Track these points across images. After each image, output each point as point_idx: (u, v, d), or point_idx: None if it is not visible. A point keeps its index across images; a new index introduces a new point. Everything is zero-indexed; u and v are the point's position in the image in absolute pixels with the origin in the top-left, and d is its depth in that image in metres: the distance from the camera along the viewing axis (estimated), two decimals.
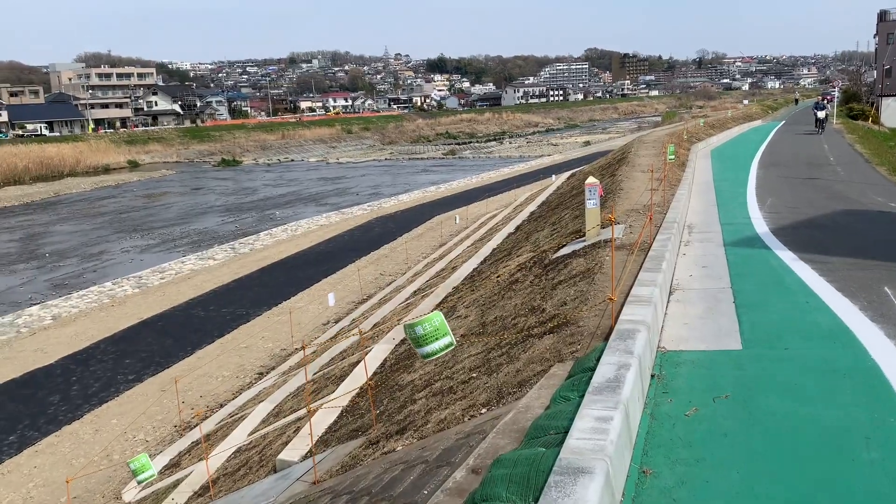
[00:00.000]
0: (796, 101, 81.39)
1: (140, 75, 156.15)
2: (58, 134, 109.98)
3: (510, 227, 19.19)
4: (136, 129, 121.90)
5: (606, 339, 5.36)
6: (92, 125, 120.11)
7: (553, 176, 36.90)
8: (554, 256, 10.24)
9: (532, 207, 22.35)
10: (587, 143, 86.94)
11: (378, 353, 9.87)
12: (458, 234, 26.49)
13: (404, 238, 28.62)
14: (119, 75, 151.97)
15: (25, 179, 75.23)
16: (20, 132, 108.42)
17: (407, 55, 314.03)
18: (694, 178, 18.26)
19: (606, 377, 3.75)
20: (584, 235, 10.54)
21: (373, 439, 6.36)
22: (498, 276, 11.16)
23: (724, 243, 9.22)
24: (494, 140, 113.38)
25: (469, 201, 37.64)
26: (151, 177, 74.68)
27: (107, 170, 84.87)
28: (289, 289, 21.39)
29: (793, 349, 5.41)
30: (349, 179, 62.91)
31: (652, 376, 4.76)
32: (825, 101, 32.91)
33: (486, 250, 16.50)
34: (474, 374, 6.60)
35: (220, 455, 9.36)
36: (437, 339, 5.21)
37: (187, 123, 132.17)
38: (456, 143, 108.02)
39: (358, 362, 10.04)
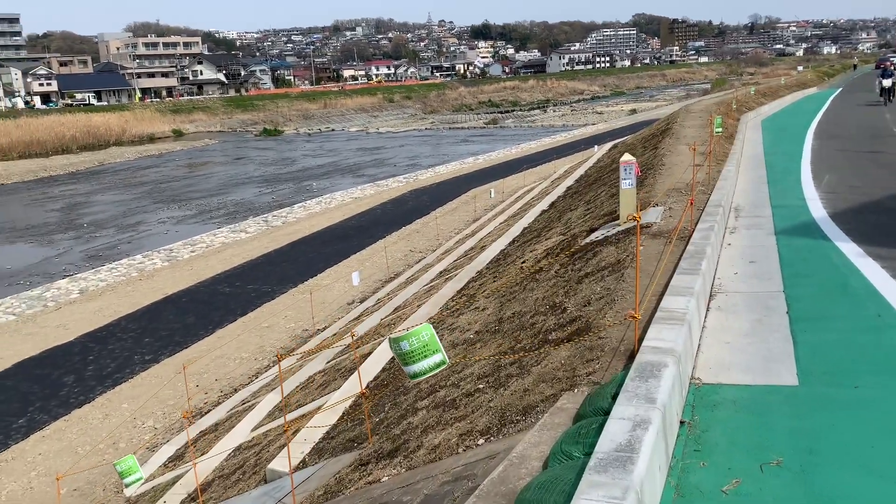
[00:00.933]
0: (854, 66, 77.75)
1: (186, 44, 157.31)
2: (105, 103, 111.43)
3: (544, 204, 18.23)
4: (181, 98, 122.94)
5: (629, 360, 4.49)
6: (139, 94, 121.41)
7: (595, 146, 35.60)
8: (583, 242, 9.34)
9: (569, 182, 21.31)
10: (633, 112, 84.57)
11: (385, 351, 9.13)
12: (491, 210, 25.58)
13: (438, 212, 27.81)
14: (165, 44, 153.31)
15: (72, 148, 76.21)
16: (69, 101, 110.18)
17: (451, 22, 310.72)
18: (743, 151, 17.02)
19: (617, 441, 2.86)
20: (618, 218, 9.61)
21: (364, 458, 5.64)
22: (523, 263, 10.31)
23: (774, 231, 8.17)
24: (538, 108, 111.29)
25: (507, 173, 36.58)
26: (194, 146, 75.01)
27: (151, 139, 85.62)
28: (317, 265, 20.82)
29: (865, 388, 4.16)
30: (388, 150, 62.16)
31: (682, 423, 3.79)
32: (892, 68, 30.67)
33: (516, 229, 15.62)
34: (481, 386, 5.80)
35: (220, 454, 8.80)
36: (425, 356, 4.42)
37: (231, 92, 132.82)
38: (498, 112, 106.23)
39: (370, 353, 9.33)
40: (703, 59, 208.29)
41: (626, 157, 9.28)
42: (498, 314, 8.22)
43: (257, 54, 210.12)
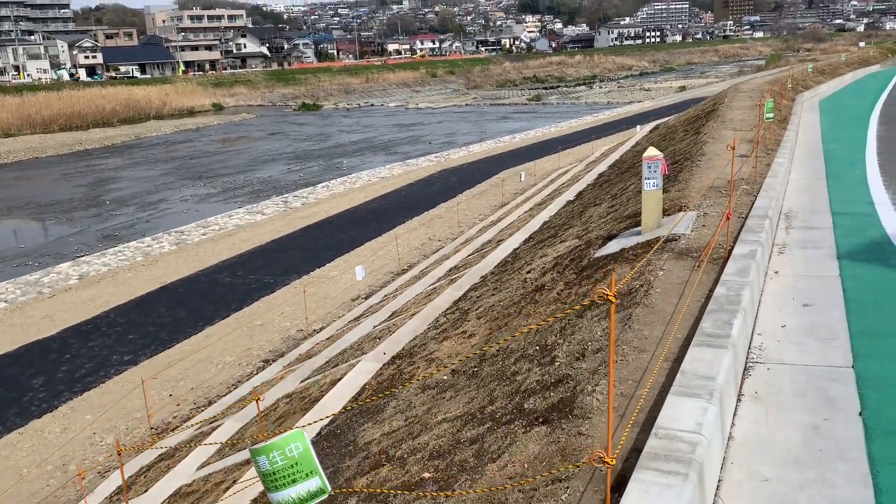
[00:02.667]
0: None
1: (230, 17, 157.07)
2: (149, 76, 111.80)
3: (570, 194, 16.52)
4: (224, 71, 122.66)
5: (618, 491, 2.91)
6: (182, 67, 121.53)
7: (637, 126, 33.49)
8: (596, 255, 7.70)
9: (602, 167, 19.49)
10: (682, 89, 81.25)
11: (358, 376, 7.66)
12: (520, 194, 23.88)
13: (464, 196, 26.19)
14: (210, 17, 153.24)
15: (113, 121, 76.36)
16: (114, 74, 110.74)
17: None
18: (797, 138, 15.03)
19: None
20: (640, 224, 7.94)
21: None
22: (528, 274, 8.71)
23: (836, 252, 6.40)
24: (584, 84, 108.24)
25: (542, 153, 34.69)
26: (231, 120, 74.36)
27: (191, 112, 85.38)
28: (327, 253, 19.46)
29: None
30: (425, 126, 60.51)
31: None
32: None
33: (536, 222, 13.98)
34: (427, 475, 4.28)
35: (162, 490, 7.48)
36: (294, 480, 2.89)
37: (274, 66, 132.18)
38: (543, 88, 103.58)
39: (338, 380, 7.88)
40: (759, 35, 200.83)
41: (651, 151, 7.57)
42: (483, 346, 6.66)
43: (304, 28, 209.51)
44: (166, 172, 42.12)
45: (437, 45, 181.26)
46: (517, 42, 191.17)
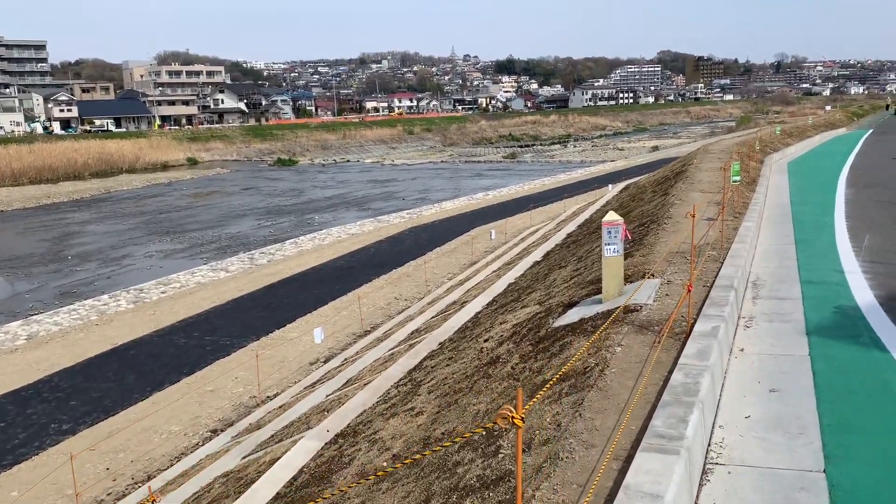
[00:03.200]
0: (887, 106, 75.21)
1: (209, 73, 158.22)
2: (124, 130, 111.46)
3: (538, 254, 16.15)
4: (200, 126, 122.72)
5: None
6: (158, 122, 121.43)
7: (610, 185, 33.57)
8: (554, 325, 7.23)
9: (571, 227, 19.22)
10: (655, 149, 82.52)
11: (297, 456, 7.03)
12: (490, 253, 23.52)
13: (434, 253, 25.76)
14: (189, 73, 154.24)
15: (84, 175, 75.54)
16: (88, 127, 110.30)
17: (476, 56, 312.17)
18: (766, 200, 14.86)
19: None
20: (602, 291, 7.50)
21: None
22: (485, 343, 8.20)
23: (806, 328, 5.95)
24: (559, 143, 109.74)
25: (515, 211, 34.52)
26: (205, 175, 73.94)
27: (165, 167, 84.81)
28: (289, 313, 18.80)
29: None
30: (399, 182, 60.51)
31: None
32: None
33: (500, 284, 13.53)
34: None
35: None
36: None
37: (252, 122, 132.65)
38: (518, 146, 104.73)
39: (278, 459, 7.23)
40: (729, 97, 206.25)
41: (611, 215, 7.19)
42: (430, 427, 6.10)
43: (284, 84, 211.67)
44: (133, 227, 41.36)
45: (415, 103, 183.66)
46: (493, 101, 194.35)
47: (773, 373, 4.93)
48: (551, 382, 5.28)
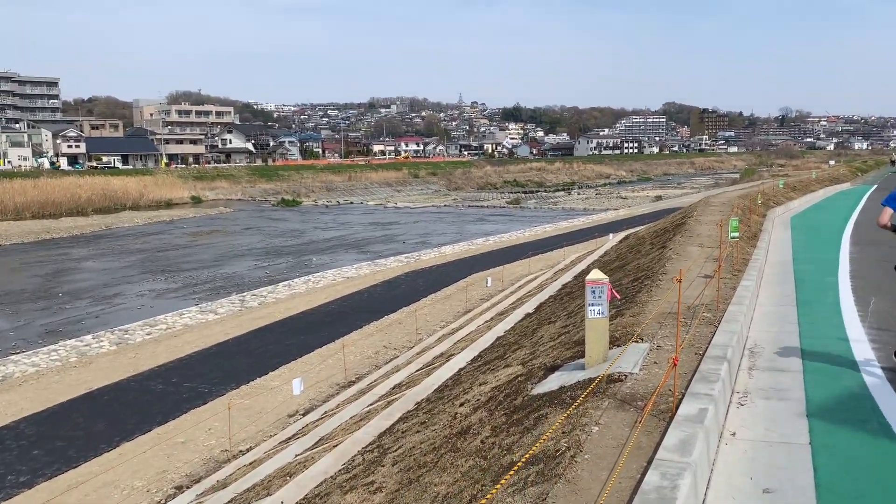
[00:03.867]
0: (892, 161, 75.10)
1: (218, 113, 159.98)
2: (131, 167, 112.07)
3: (531, 305, 15.57)
4: (207, 165, 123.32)
5: None
6: (165, 160, 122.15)
7: (611, 235, 33.10)
8: (532, 392, 6.63)
9: (567, 278, 18.66)
10: (658, 198, 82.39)
11: None
12: (486, 301, 22.93)
13: (429, 300, 25.19)
14: (198, 113, 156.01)
15: (87, 211, 75.52)
16: (95, 164, 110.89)
17: (483, 103, 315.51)
18: (767, 256, 14.31)
19: None
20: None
21: None
22: (460, 407, 7.60)
23: (807, 409, 5.28)
24: (563, 190, 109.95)
25: (514, 258, 34.03)
26: (207, 214, 73.82)
27: (169, 204, 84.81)
28: (273, 360, 18.17)
29: None
30: (401, 226, 60.20)
31: None
32: None
33: (489, 338, 12.94)
34: None
35: None
36: None
37: (259, 162, 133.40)
38: (522, 192, 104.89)
39: None
40: (733, 149, 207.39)
41: (595, 273, 6.64)
42: None
43: (293, 126, 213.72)
44: (130, 265, 40.93)
45: (422, 147, 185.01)
46: (499, 147, 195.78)
47: (767, 467, 4.31)
48: (518, 465, 4.69)
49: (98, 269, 39.40)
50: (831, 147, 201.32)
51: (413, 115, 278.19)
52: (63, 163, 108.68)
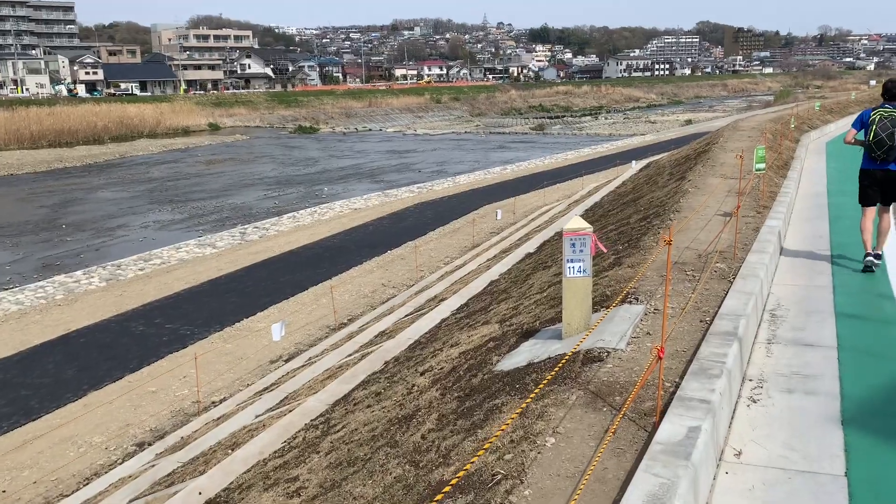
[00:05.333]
0: None
1: (237, 38, 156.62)
2: (149, 94, 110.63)
3: (533, 244, 14.25)
4: (225, 91, 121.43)
5: None
6: (184, 86, 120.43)
7: (633, 162, 31.33)
8: (496, 368, 5.39)
9: (578, 211, 17.23)
10: (688, 122, 79.39)
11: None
12: (495, 235, 21.63)
13: (436, 233, 23.93)
14: (216, 37, 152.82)
15: (104, 139, 74.65)
16: (113, 91, 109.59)
17: (510, 24, 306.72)
18: (798, 189, 12.75)
19: None
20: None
21: None
22: (421, 377, 6.41)
23: (841, 411, 3.90)
24: (589, 115, 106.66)
25: (531, 187, 32.54)
26: (223, 141, 72.55)
27: (186, 132, 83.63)
28: (264, 299, 17.15)
29: None
30: (418, 153, 58.51)
31: None
32: None
33: (481, 282, 11.70)
34: None
35: None
36: None
37: (278, 88, 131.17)
38: (548, 117, 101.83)
39: None
40: (768, 70, 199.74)
41: (575, 222, 5.29)
42: None
43: (315, 51, 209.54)
44: (138, 195, 40.05)
45: (445, 71, 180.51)
46: (525, 71, 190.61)
47: (788, 493, 3.01)
48: (446, 489, 3.49)
49: (105, 200, 38.60)
50: (872, 67, 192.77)
51: (437, 37, 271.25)
52: (81, 90, 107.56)
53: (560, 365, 4.59)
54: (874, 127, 6.80)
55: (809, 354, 4.79)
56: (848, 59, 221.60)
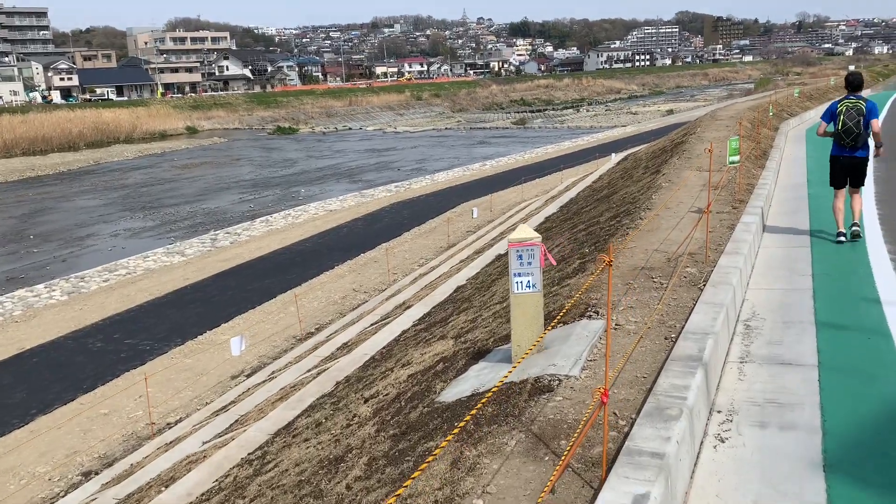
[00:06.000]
0: None
1: (214, 39, 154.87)
2: (125, 98, 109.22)
3: (505, 245, 13.64)
4: (204, 94, 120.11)
5: None
6: (161, 90, 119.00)
7: (612, 155, 30.86)
8: (438, 399, 4.79)
9: (552, 209, 16.68)
10: (669, 112, 79.22)
11: None
12: (472, 233, 21.05)
13: (411, 234, 23.31)
14: (193, 39, 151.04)
15: (79, 145, 73.42)
16: (88, 96, 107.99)
17: (490, 19, 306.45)
18: (777, 178, 12.25)
19: None
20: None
21: None
22: (364, 404, 5.80)
23: (823, 451, 3.25)
24: (571, 107, 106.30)
25: (510, 183, 31.97)
26: (201, 144, 71.56)
27: (163, 136, 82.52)
28: (229, 308, 16.47)
29: None
30: (398, 152, 57.81)
31: None
32: None
33: (448, 288, 11.12)
34: None
35: None
36: None
37: (257, 89, 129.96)
38: (529, 111, 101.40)
39: None
40: (748, 59, 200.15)
41: (522, 231, 4.70)
42: None
43: (296, 51, 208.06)
44: (110, 202, 39.16)
45: (426, 68, 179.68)
46: (506, 65, 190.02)
47: None
48: None
49: (77, 208, 37.69)
50: (850, 52, 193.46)
51: (418, 34, 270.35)
52: (56, 96, 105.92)
53: (504, 397, 4.00)
54: (842, 117, 7.39)
55: (787, 376, 4.23)
56: (827, 46, 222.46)
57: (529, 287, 4.65)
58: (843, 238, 7.51)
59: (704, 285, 5.54)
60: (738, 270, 5.71)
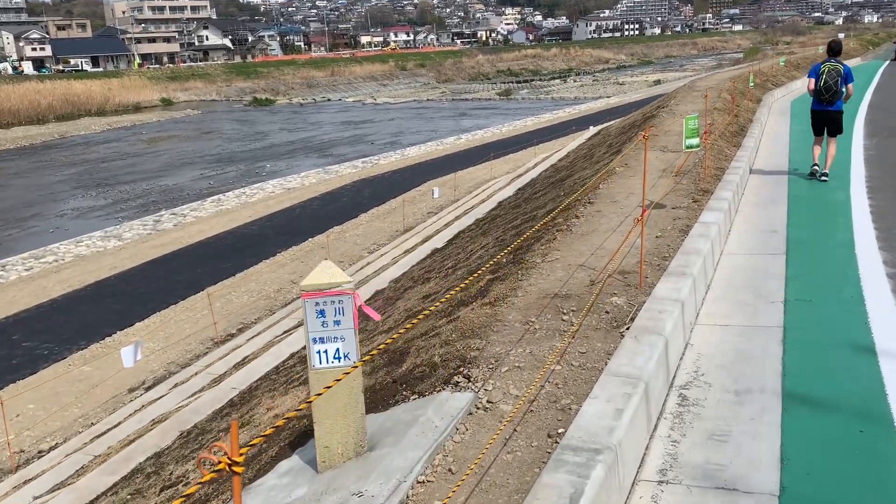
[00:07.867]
0: None
1: (193, 8, 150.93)
2: (101, 69, 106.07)
3: (450, 232, 12.04)
4: (182, 64, 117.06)
5: None
6: (138, 61, 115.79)
7: (590, 127, 29.21)
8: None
9: (509, 192, 15.02)
10: (657, 83, 77.39)
11: None
12: (432, 215, 19.42)
13: (367, 216, 21.62)
14: (172, 8, 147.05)
15: (48, 118, 70.97)
16: (62, 67, 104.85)
17: None
18: (755, 158, 10.62)
19: None
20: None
21: None
22: (171, 479, 4.16)
23: None
24: (558, 78, 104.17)
25: (481, 159, 30.24)
26: (172, 117, 69.20)
27: (137, 108, 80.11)
28: (147, 305, 14.79)
29: None
30: (375, 124, 55.80)
31: None
32: None
33: (369, 291, 9.48)
34: None
35: None
36: None
37: (238, 59, 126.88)
38: (516, 82, 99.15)
39: None
40: (738, 28, 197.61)
41: (323, 272, 3.05)
42: None
43: (280, 19, 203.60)
44: (65, 179, 37.19)
45: (412, 37, 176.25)
46: (494, 34, 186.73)
47: None
48: None
49: (28, 186, 35.73)
50: (840, 21, 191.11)
51: (405, 2, 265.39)
52: (27, 67, 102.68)
53: None
54: (824, 76, 8.77)
55: (753, 421, 2.61)
56: (817, 15, 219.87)
57: (339, 359, 3.01)
58: (816, 168, 9.03)
59: (628, 327, 3.91)
60: (678, 305, 4.08)
